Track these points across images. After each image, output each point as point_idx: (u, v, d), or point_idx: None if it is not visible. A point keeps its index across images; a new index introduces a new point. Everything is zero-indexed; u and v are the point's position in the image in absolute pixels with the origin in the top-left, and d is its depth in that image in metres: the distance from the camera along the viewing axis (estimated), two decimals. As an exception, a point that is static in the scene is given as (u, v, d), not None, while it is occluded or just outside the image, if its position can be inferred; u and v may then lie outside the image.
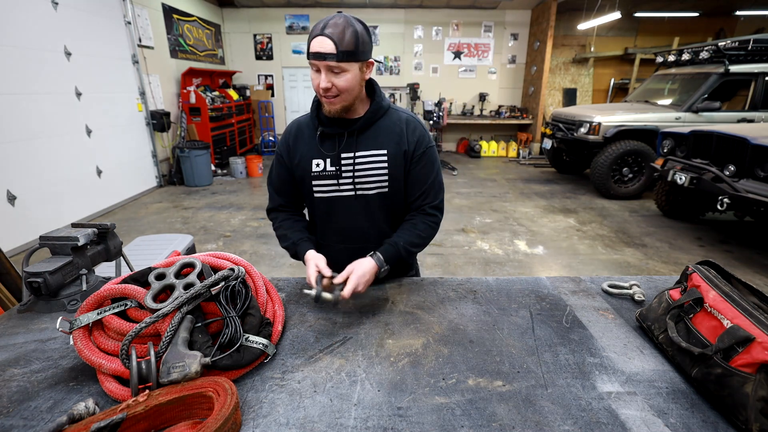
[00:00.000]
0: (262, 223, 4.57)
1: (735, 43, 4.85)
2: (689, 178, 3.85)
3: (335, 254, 1.19)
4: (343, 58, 0.97)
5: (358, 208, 1.18)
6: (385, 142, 1.14)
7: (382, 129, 1.14)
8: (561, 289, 1.19)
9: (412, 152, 1.15)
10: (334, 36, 0.95)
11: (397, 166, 1.15)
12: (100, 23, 4.87)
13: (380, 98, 1.14)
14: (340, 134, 1.12)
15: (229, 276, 0.86)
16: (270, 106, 8.91)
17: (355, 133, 1.12)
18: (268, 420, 0.70)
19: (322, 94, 1.03)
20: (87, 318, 0.78)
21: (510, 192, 6.02)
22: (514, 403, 0.75)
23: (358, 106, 1.12)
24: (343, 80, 1.01)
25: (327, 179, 1.15)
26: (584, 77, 9.35)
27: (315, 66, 1.00)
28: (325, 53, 0.96)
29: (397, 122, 1.16)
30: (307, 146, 1.16)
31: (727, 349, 0.71)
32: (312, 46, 0.98)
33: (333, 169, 1.14)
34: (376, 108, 1.13)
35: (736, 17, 9.01)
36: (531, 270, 3.52)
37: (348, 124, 1.12)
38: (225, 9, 8.54)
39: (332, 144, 1.13)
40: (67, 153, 4.28)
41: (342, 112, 1.08)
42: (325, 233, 1.25)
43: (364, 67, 1.05)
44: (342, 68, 0.99)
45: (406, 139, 1.15)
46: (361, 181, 1.14)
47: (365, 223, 1.20)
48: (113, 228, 1.25)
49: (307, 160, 1.15)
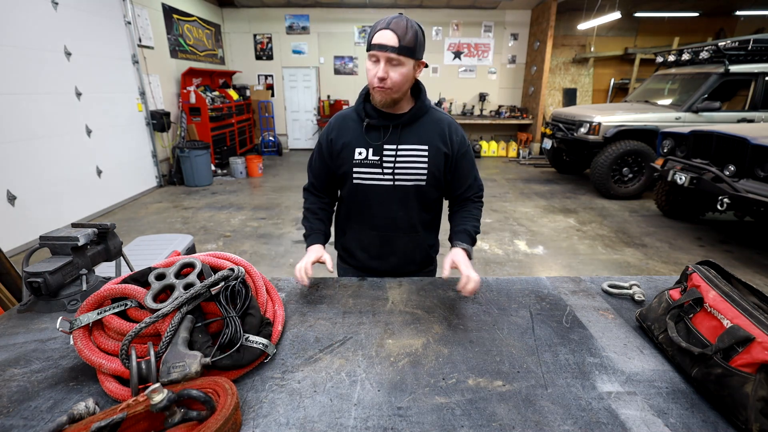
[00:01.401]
0: (262, 223, 4.57)
1: (735, 43, 4.85)
2: (689, 178, 3.85)
3: (365, 238, 1.33)
4: (402, 52, 1.06)
5: (394, 198, 1.24)
6: (428, 138, 1.21)
7: (424, 126, 1.22)
8: (561, 289, 1.19)
9: (455, 152, 1.25)
10: (398, 31, 1.05)
11: (437, 162, 1.22)
12: (100, 23, 4.87)
13: (425, 97, 1.23)
14: (386, 126, 1.19)
15: (229, 276, 0.86)
16: (270, 106, 8.91)
17: (399, 126, 1.20)
18: (268, 420, 0.70)
19: (376, 84, 1.10)
20: (87, 318, 0.78)
21: (510, 192, 6.02)
22: (514, 403, 0.75)
23: (404, 102, 1.20)
24: (399, 73, 1.08)
25: (368, 167, 1.22)
26: (584, 77, 9.34)
27: (375, 57, 1.08)
28: (388, 45, 1.05)
29: (438, 122, 1.24)
30: (352, 135, 1.23)
31: (727, 349, 0.71)
32: (376, 38, 1.06)
33: (375, 158, 1.20)
34: (420, 105, 1.21)
35: (736, 17, 9.01)
36: (531, 270, 3.52)
37: (394, 118, 1.20)
38: (225, 9, 8.54)
39: (377, 135, 1.21)
40: (67, 153, 4.28)
41: (391, 104, 1.16)
42: (358, 218, 1.32)
43: (417, 65, 1.13)
44: (400, 61, 1.07)
45: (449, 139, 1.23)
46: (400, 173, 1.21)
47: (398, 212, 1.26)
48: (113, 228, 1.24)
49: (350, 149, 1.22)
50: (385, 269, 1.35)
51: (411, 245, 1.32)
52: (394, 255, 1.33)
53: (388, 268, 1.34)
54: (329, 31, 8.75)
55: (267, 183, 6.44)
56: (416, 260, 1.36)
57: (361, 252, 1.35)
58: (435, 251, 1.43)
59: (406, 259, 1.34)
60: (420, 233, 1.32)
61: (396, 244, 1.31)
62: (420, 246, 1.34)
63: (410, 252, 1.34)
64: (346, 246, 1.39)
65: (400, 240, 1.30)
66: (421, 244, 1.34)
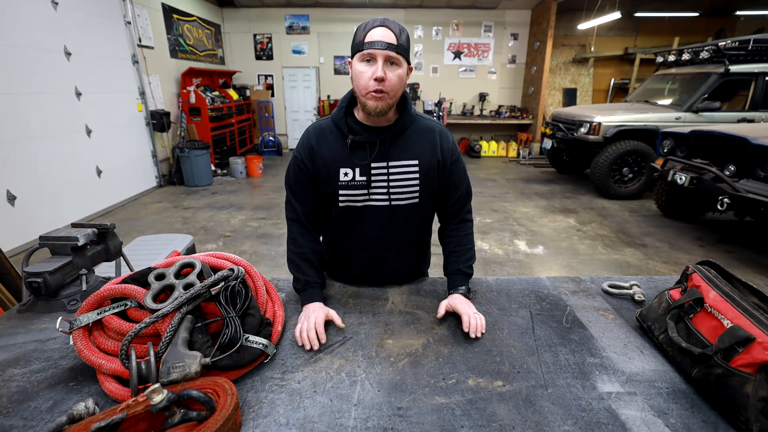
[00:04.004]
0: (262, 223, 4.57)
1: (735, 43, 4.85)
2: (689, 178, 3.85)
3: (355, 261, 1.22)
4: (401, 50, 0.97)
5: (388, 218, 1.15)
6: (417, 152, 1.11)
7: (412, 138, 1.12)
8: (561, 289, 1.19)
9: (446, 162, 1.15)
10: (394, 30, 0.96)
11: (429, 176, 1.13)
12: (100, 23, 4.87)
13: (410, 105, 1.13)
14: (371, 142, 1.08)
15: (228, 276, 0.86)
16: (270, 106, 8.91)
17: (387, 141, 1.09)
18: (268, 420, 0.70)
19: (373, 88, 0.98)
20: (87, 318, 0.78)
21: (510, 192, 6.02)
22: (514, 404, 0.75)
23: (389, 113, 1.08)
24: (396, 75, 0.99)
25: (356, 189, 1.11)
26: (584, 77, 9.34)
27: (369, 56, 0.97)
28: (388, 42, 0.95)
29: (427, 132, 1.14)
30: (333, 153, 1.10)
31: (727, 349, 0.71)
32: (371, 35, 0.95)
33: (363, 179, 1.10)
34: (407, 116, 1.11)
35: (736, 17, 9.01)
36: (531, 270, 3.52)
37: (379, 132, 1.09)
38: (225, 9, 8.53)
39: (363, 153, 1.09)
40: (67, 153, 4.28)
41: (385, 112, 1.03)
42: (347, 241, 1.22)
43: (408, 70, 1.04)
44: (399, 61, 0.98)
45: (439, 148, 1.13)
46: (396, 191, 1.12)
47: (391, 232, 1.18)
48: (113, 228, 1.24)
49: (333, 169, 1.10)
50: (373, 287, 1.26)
51: (401, 264, 1.25)
52: (384, 274, 1.24)
53: (376, 286, 1.26)
54: (329, 31, 8.75)
55: (267, 183, 6.44)
56: (406, 276, 1.29)
57: (349, 272, 1.26)
58: (426, 265, 1.37)
59: (396, 275, 1.26)
60: (412, 252, 1.25)
61: (387, 264, 1.23)
62: (410, 262, 1.27)
63: (400, 270, 1.26)
64: (332, 266, 1.30)
65: (391, 260, 1.22)
66: (411, 262, 1.26)
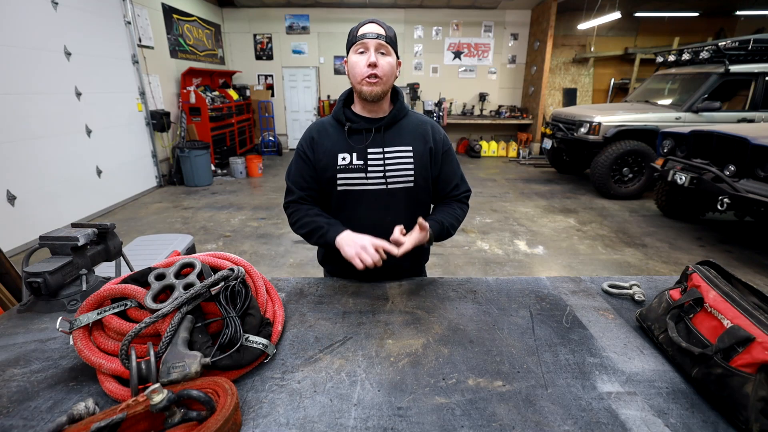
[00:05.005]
0: (262, 223, 4.57)
1: (735, 43, 4.85)
2: (689, 178, 3.85)
3: None
4: (389, 41, 1.14)
5: (385, 202, 1.23)
6: (411, 140, 1.23)
7: (406, 128, 1.24)
8: (561, 289, 1.19)
9: (437, 150, 1.26)
10: (383, 25, 1.15)
11: (423, 163, 1.23)
12: (100, 23, 4.87)
13: (403, 99, 1.26)
14: (368, 129, 1.20)
15: (228, 276, 0.86)
16: (270, 106, 8.91)
17: (381, 129, 1.21)
18: (268, 420, 0.70)
19: (367, 74, 1.12)
20: (87, 318, 0.78)
21: (510, 192, 6.02)
22: (514, 403, 0.75)
23: (384, 104, 1.22)
24: (387, 62, 1.13)
25: (353, 172, 1.20)
26: (584, 77, 9.34)
27: (363, 46, 1.12)
28: (378, 33, 1.12)
29: (420, 124, 1.26)
30: (332, 141, 1.22)
31: (727, 349, 0.71)
32: (363, 29, 1.13)
33: (360, 162, 1.20)
34: (399, 107, 1.24)
35: (736, 17, 9.01)
36: (531, 270, 3.52)
37: (375, 121, 1.22)
38: (225, 9, 8.53)
39: (359, 139, 1.21)
40: (67, 153, 4.28)
41: (380, 95, 1.16)
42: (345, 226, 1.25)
43: (397, 63, 1.18)
44: (388, 50, 1.14)
45: (431, 137, 1.26)
46: (392, 175, 1.21)
47: (388, 216, 1.24)
48: (113, 228, 1.24)
49: (332, 155, 1.21)
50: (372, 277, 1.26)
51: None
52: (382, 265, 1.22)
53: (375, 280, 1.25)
54: (329, 31, 8.74)
55: (267, 183, 6.44)
56: (405, 269, 1.30)
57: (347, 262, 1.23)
58: (425, 258, 1.39)
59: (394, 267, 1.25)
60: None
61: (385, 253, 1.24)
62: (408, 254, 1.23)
63: (399, 261, 1.23)
64: (330, 259, 1.33)
65: None
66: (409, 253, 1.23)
